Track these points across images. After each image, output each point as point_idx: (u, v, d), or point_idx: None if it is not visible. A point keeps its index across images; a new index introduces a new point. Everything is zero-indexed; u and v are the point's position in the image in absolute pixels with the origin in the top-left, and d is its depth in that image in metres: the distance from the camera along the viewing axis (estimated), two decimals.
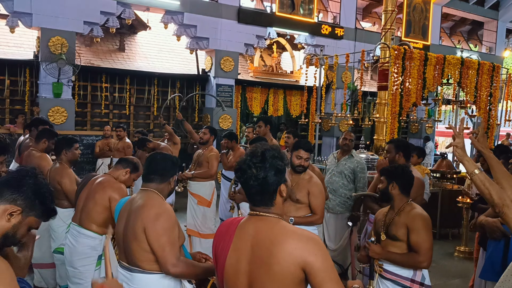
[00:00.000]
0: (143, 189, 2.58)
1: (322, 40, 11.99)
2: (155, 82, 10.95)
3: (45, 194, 1.65)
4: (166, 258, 2.32)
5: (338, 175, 5.18)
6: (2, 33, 9.83)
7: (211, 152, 5.67)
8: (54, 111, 8.54)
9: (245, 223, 1.89)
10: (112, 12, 9.07)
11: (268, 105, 12.71)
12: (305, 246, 1.72)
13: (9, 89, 9.40)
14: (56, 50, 8.44)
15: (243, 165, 1.85)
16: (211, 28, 10.26)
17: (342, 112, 8.74)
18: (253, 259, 1.78)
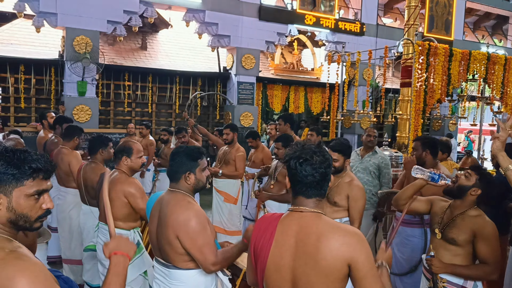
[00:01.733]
0: (170, 189, 2.55)
1: (343, 36, 11.91)
2: (176, 80, 11.03)
3: (6, 164, 1.49)
4: (205, 259, 2.32)
5: (363, 172, 5.16)
6: (28, 33, 10.04)
7: (238, 151, 5.69)
8: (79, 109, 8.69)
9: (287, 219, 1.89)
10: (135, 11, 9.17)
11: (289, 103, 12.69)
12: (351, 242, 1.74)
13: (35, 88, 9.59)
14: (80, 49, 8.58)
15: (304, 154, 1.85)
16: (232, 26, 10.30)
17: (364, 109, 8.67)
18: (298, 255, 1.79)
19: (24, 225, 1.53)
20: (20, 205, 1.50)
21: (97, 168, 4.03)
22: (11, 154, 1.50)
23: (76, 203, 4.47)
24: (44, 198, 1.55)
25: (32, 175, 1.51)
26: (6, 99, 9.41)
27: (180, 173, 2.49)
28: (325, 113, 10.03)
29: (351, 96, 11.46)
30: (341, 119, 9.77)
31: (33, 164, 1.51)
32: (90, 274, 4.15)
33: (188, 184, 2.50)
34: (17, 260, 1.38)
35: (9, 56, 9.24)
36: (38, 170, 1.52)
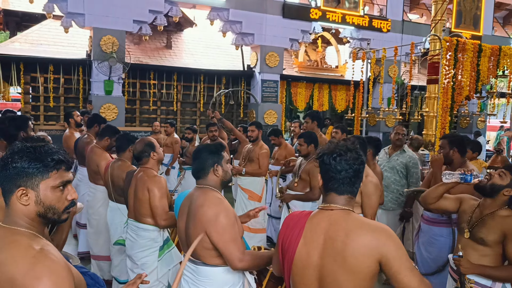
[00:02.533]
0: (198, 186, 2.57)
1: (368, 33, 11.78)
2: (201, 78, 11.11)
3: (29, 160, 1.52)
4: (232, 255, 2.33)
5: (390, 171, 5.09)
6: (57, 33, 10.28)
7: (262, 149, 5.70)
8: (106, 108, 8.85)
9: (316, 216, 1.89)
10: (160, 11, 9.27)
11: (313, 100, 12.63)
12: (379, 238, 1.74)
13: (64, 87, 9.80)
14: (107, 49, 8.73)
15: (338, 149, 1.86)
16: (256, 24, 10.31)
17: (390, 107, 8.57)
18: (327, 252, 1.79)
19: (53, 217, 1.57)
20: (47, 197, 1.54)
21: (124, 166, 4.09)
22: (31, 149, 1.55)
23: (105, 200, 4.55)
24: (68, 189, 1.61)
25: (55, 166, 1.55)
26: (36, 98, 9.65)
27: (207, 167, 2.52)
28: (349, 110, 9.96)
29: (376, 94, 11.34)
30: (366, 117, 9.68)
31: (54, 156, 1.56)
32: (118, 270, 4.22)
33: (217, 177, 2.54)
34: (47, 260, 1.42)
35: (39, 56, 9.48)
36: (60, 161, 1.57)
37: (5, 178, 1.53)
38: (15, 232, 1.51)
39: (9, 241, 1.49)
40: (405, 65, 12.71)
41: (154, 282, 3.37)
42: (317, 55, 13.17)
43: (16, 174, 1.51)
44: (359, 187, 1.90)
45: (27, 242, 1.48)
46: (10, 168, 1.52)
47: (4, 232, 1.53)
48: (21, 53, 9.44)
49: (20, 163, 1.52)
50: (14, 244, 1.47)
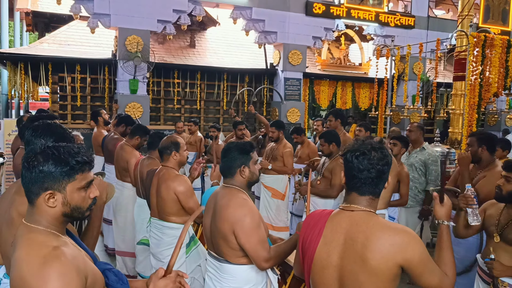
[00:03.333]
0: (224, 185, 2.58)
1: (393, 30, 11.63)
2: (224, 77, 11.17)
3: (54, 162, 1.53)
4: (259, 256, 2.34)
5: (409, 168, 5.04)
6: (83, 34, 10.49)
7: (286, 148, 5.71)
8: (131, 106, 8.98)
9: (337, 216, 1.87)
10: (184, 10, 9.36)
11: (336, 98, 12.55)
12: (402, 242, 1.71)
13: (90, 86, 10.00)
14: (132, 49, 8.86)
15: (362, 147, 1.83)
16: (279, 22, 10.30)
17: (415, 104, 8.44)
18: (347, 253, 1.76)
19: (78, 216, 1.61)
20: (74, 198, 1.57)
21: (153, 164, 4.14)
22: (56, 152, 1.56)
23: (132, 197, 4.63)
24: (90, 188, 1.64)
25: (81, 168, 1.58)
26: (63, 97, 9.87)
27: (234, 168, 2.52)
28: (373, 108, 9.87)
29: (400, 91, 11.19)
30: (390, 115, 9.58)
31: (78, 157, 1.57)
32: (143, 266, 4.29)
33: (243, 178, 2.53)
34: (57, 262, 1.42)
35: (66, 56, 9.70)
36: (84, 163, 1.59)
37: (30, 180, 1.54)
38: (32, 230, 1.54)
39: (26, 238, 1.52)
40: (431, 62, 12.49)
41: None
42: (340, 52, 13.07)
43: (43, 178, 1.53)
44: (383, 188, 1.85)
45: (42, 241, 1.50)
46: (36, 172, 1.53)
47: (24, 229, 1.56)
48: (49, 54, 9.67)
49: (47, 166, 1.53)
50: (29, 242, 1.50)
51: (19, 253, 1.48)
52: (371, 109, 10.51)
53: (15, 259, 1.48)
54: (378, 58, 9.66)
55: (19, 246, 1.51)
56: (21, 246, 1.50)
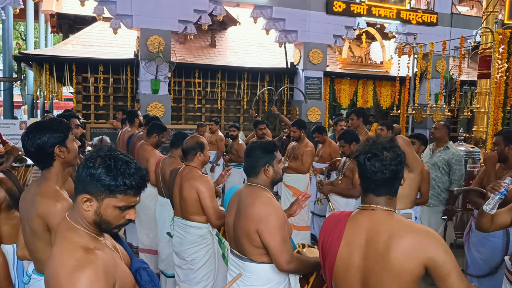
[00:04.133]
0: (248, 184, 2.59)
1: (415, 27, 11.46)
2: (245, 76, 11.19)
3: (105, 173, 1.54)
4: (281, 256, 2.34)
5: (432, 167, 5.00)
6: (106, 34, 10.66)
7: (307, 147, 5.71)
8: (153, 106, 9.08)
9: (357, 217, 1.85)
10: (204, 10, 9.41)
11: (357, 97, 12.45)
12: (425, 241, 1.68)
13: (113, 86, 10.14)
14: (154, 49, 8.96)
15: (373, 148, 1.80)
16: (299, 21, 10.27)
17: (437, 103, 8.33)
18: (369, 254, 1.74)
19: (105, 228, 1.61)
20: (106, 212, 1.57)
21: (175, 163, 4.20)
22: (112, 162, 1.55)
23: (154, 195, 4.69)
24: (129, 211, 1.60)
25: (125, 191, 1.55)
26: (86, 97, 10.04)
27: (258, 167, 2.53)
28: (395, 107, 9.76)
29: (423, 89, 11.04)
30: (412, 113, 9.45)
31: (128, 180, 1.54)
32: (166, 264, 4.34)
33: (267, 177, 2.54)
34: (88, 267, 1.45)
35: (89, 57, 9.87)
36: (131, 187, 1.55)
37: (79, 177, 1.57)
38: (71, 228, 1.58)
39: (63, 236, 1.57)
40: (454, 60, 12.27)
41: (204, 277, 3.44)
42: (361, 51, 12.97)
43: (89, 180, 1.54)
44: (399, 187, 1.83)
45: (77, 241, 1.54)
46: (86, 172, 1.55)
47: (64, 225, 1.61)
48: (73, 55, 9.86)
49: (96, 172, 1.53)
50: (65, 241, 1.54)
51: (56, 250, 1.53)
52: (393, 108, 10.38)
53: (52, 255, 1.53)
54: (400, 56, 9.57)
55: (57, 243, 1.55)
56: (58, 244, 1.55)
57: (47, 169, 2.24)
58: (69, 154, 2.27)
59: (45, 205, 2.10)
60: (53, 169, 2.23)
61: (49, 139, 2.18)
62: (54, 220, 2.04)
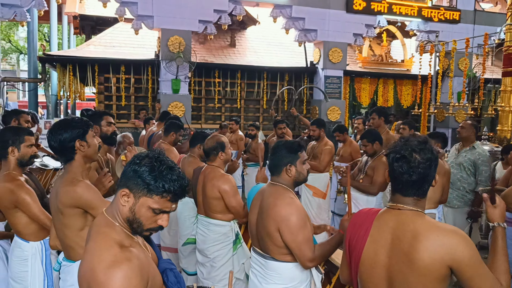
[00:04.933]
0: (271, 183, 2.59)
1: (436, 25, 11.30)
2: (264, 76, 11.20)
3: (148, 171, 1.56)
4: (303, 255, 2.36)
5: (457, 167, 4.92)
6: (127, 35, 10.80)
7: (326, 145, 5.70)
8: (173, 106, 9.17)
9: (384, 215, 1.85)
10: (224, 10, 9.46)
11: (377, 96, 12.35)
12: (451, 242, 1.66)
13: (134, 86, 10.28)
14: (174, 49, 9.04)
15: (403, 149, 1.78)
16: (319, 20, 10.23)
17: (460, 102, 8.22)
18: (394, 252, 1.74)
19: (135, 228, 1.62)
20: (140, 211, 1.58)
21: (194, 162, 4.24)
22: (158, 164, 1.58)
23: None
24: (162, 216, 1.61)
25: (162, 193, 1.56)
26: (108, 97, 10.20)
27: (281, 166, 2.53)
28: (416, 106, 9.65)
29: (445, 88, 10.90)
30: (434, 112, 9.35)
31: (167, 184, 1.55)
32: (187, 262, 4.38)
33: (289, 177, 2.53)
34: (125, 265, 1.48)
35: (111, 58, 10.02)
36: (169, 192, 1.56)
37: (124, 172, 1.62)
38: (108, 224, 1.61)
39: (99, 231, 1.60)
40: (477, 58, 12.08)
41: (226, 275, 3.45)
42: (381, 49, 12.85)
43: (131, 176, 1.58)
44: (428, 188, 1.80)
45: (113, 237, 1.57)
46: (132, 167, 1.59)
47: (101, 220, 1.64)
48: (95, 55, 10.02)
49: (140, 169, 1.57)
50: (102, 236, 1.57)
51: (92, 244, 1.57)
52: (414, 106, 10.27)
53: (88, 249, 1.56)
54: (422, 54, 9.45)
55: (92, 238, 1.59)
56: (94, 238, 1.58)
57: (69, 163, 2.41)
58: (89, 148, 2.45)
59: (66, 193, 2.29)
60: (74, 163, 2.42)
61: (69, 134, 2.37)
62: (82, 201, 2.28)
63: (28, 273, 2.83)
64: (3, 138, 2.91)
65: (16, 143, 2.90)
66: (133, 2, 8.77)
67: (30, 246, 2.85)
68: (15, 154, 2.89)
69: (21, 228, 2.85)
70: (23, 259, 2.86)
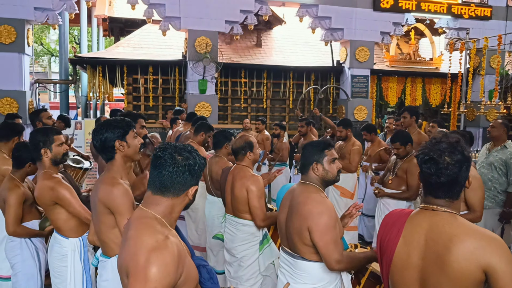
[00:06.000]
0: (301, 182, 2.60)
1: (467, 22, 11.05)
2: (290, 75, 11.19)
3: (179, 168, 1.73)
4: (330, 255, 2.35)
5: (487, 167, 4.82)
6: (155, 37, 10.97)
7: (354, 145, 5.65)
8: (200, 106, 9.26)
9: (417, 216, 1.83)
10: (251, 10, 9.49)
11: (405, 95, 12.16)
12: (488, 247, 1.62)
13: (161, 87, 10.42)
14: (201, 50, 9.13)
15: (432, 151, 1.75)
16: (345, 19, 10.15)
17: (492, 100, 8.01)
18: (428, 254, 1.72)
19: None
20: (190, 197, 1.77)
21: (221, 162, 4.29)
22: (196, 170, 1.78)
23: (202, 193, 4.79)
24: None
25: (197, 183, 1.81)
26: (136, 98, 10.37)
27: (308, 164, 2.55)
28: (445, 105, 9.47)
29: (476, 86, 10.62)
30: (464, 112, 9.15)
31: None
32: (215, 260, 4.43)
33: (316, 175, 2.53)
34: (165, 251, 1.56)
35: (139, 59, 10.19)
36: None
37: (169, 173, 1.73)
38: (148, 215, 1.70)
39: (141, 222, 1.68)
40: (510, 55, 11.75)
41: (253, 275, 3.48)
42: (409, 47, 12.65)
43: (185, 179, 1.76)
44: (460, 190, 1.76)
45: (155, 227, 1.65)
46: (182, 167, 1.74)
47: (141, 212, 1.73)
48: (124, 57, 10.21)
49: (190, 170, 1.76)
50: (144, 226, 1.65)
51: (133, 232, 1.64)
52: (443, 105, 10.07)
53: (129, 237, 1.64)
54: (451, 52, 9.26)
55: (133, 226, 1.67)
56: (136, 227, 1.66)
57: (110, 162, 2.49)
58: (129, 149, 2.52)
59: (104, 191, 2.36)
60: (114, 162, 2.49)
61: (110, 134, 2.46)
62: (112, 202, 2.33)
63: (68, 269, 2.94)
64: (33, 141, 3.02)
65: (47, 144, 3.00)
66: (161, 3, 8.90)
67: (69, 242, 2.97)
68: (48, 155, 3.00)
69: (60, 224, 2.96)
70: (62, 255, 2.97)
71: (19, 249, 3.31)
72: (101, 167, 4.36)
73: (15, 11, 8.16)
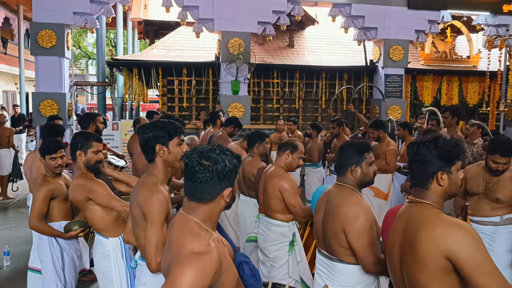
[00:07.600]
0: (337, 183, 2.59)
1: (507, 18, 10.67)
2: (323, 75, 11.14)
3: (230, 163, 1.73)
4: (367, 258, 2.34)
5: None
6: (189, 39, 11.16)
7: (389, 146, 5.58)
8: (233, 107, 9.35)
9: (403, 208, 1.98)
10: (283, 10, 9.50)
11: (441, 94, 11.91)
12: (449, 234, 1.68)
13: (195, 88, 10.59)
14: (234, 51, 9.22)
15: (415, 141, 1.95)
16: (379, 17, 10.01)
17: None
18: (403, 241, 1.86)
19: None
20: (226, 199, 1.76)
21: (254, 161, 4.34)
22: (227, 173, 1.74)
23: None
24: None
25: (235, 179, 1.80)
26: (171, 99, 10.57)
27: (346, 166, 2.52)
28: (484, 104, 9.22)
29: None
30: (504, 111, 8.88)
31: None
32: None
33: (354, 178, 2.52)
34: (205, 256, 1.59)
35: (174, 61, 10.38)
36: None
37: (210, 177, 1.72)
38: (189, 221, 1.73)
39: (182, 227, 1.72)
40: None
41: (284, 276, 3.50)
42: (445, 45, 12.37)
43: (226, 179, 1.74)
44: (426, 180, 1.87)
45: (198, 232, 1.69)
46: (216, 166, 1.72)
47: (181, 217, 1.77)
48: (159, 59, 10.43)
49: (224, 169, 1.72)
50: (188, 230, 1.69)
51: (177, 236, 1.70)
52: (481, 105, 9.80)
53: (173, 241, 1.70)
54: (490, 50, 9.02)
55: (177, 230, 1.73)
56: (179, 231, 1.71)
57: (151, 164, 2.41)
58: (169, 155, 2.38)
59: (143, 195, 2.29)
60: (155, 165, 2.40)
61: (152, 136, 2.36)
62: (148, 209, 2.24)
63: (112, 268, 3.02)
64: (74, 141, 3.13)
65: (83, 147, 3.09)
66: (195, 6, 9.04)
67: (110, 242, 3.05)
68: (82, 158, 3.09)
69: (97, 221, 3.04)
70: (105, 255, 3.05)
71: (47, 246, 3.42)
72: (135, 167, 4.48)
73: (55, 16, 8.45)
